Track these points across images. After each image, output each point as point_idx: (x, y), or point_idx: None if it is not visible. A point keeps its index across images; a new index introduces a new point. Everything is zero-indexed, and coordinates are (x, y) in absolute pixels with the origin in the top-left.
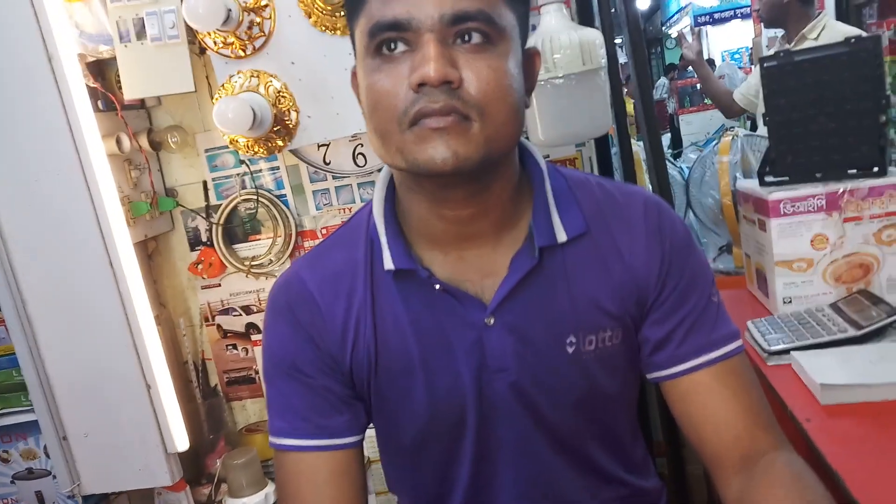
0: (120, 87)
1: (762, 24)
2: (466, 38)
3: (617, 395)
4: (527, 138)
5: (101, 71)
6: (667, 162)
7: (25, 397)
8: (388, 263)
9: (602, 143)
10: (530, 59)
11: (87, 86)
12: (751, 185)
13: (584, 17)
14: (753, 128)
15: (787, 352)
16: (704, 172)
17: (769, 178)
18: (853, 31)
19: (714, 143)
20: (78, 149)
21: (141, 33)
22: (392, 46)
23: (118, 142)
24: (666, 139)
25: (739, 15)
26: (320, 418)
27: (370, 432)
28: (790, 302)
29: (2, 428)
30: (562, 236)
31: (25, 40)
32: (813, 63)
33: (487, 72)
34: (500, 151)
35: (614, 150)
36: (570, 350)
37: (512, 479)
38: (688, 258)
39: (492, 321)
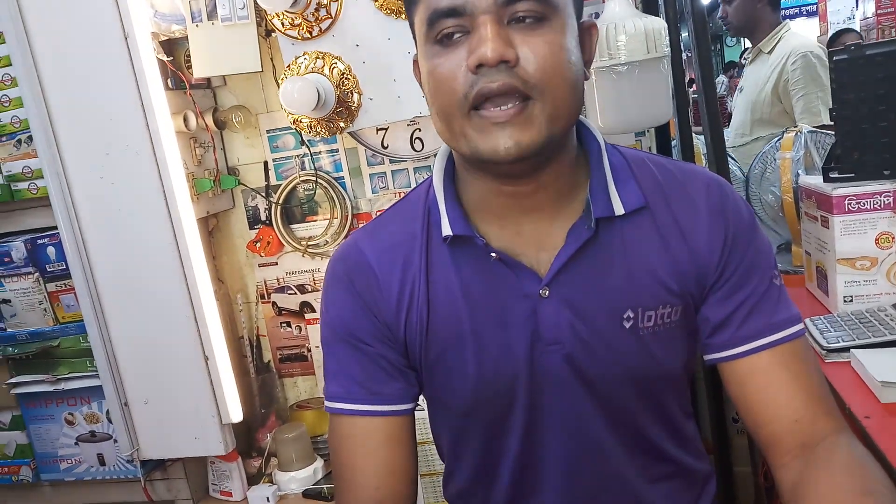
0: (188, 66)
1: (731, 32)
2: (521, 17)
3: (673, 373)
4: None
5: (172, 50)
6: (728, 157)
7: (91, 363)
8: (447, 229)
9: (662, 134)
10: (587, 32)
11: (158, 64)
12: (814, 181)
13: (649, 7)
14: None
15: (846, 350)
16: (765, 168)
17: (834, 174)
18: (810, 43)
19: (776, 139)
20: (149, 124)
21: (212, 13)
22: (451, 33)
23: (185, 119)
24: (726, 135)
25: (805, 12)
26: (375, 384)
27: (421, 414)
28: (851, 301)
29: (68, 391)
30: (619, 209)
31: (104, 18)
32: (886, 57)
33: (544, 48)
34: (562, 129)
35: (674, 142)
36: (628, 325)
37: (561, 451)
38: (751, 239)
39: (547, 293)
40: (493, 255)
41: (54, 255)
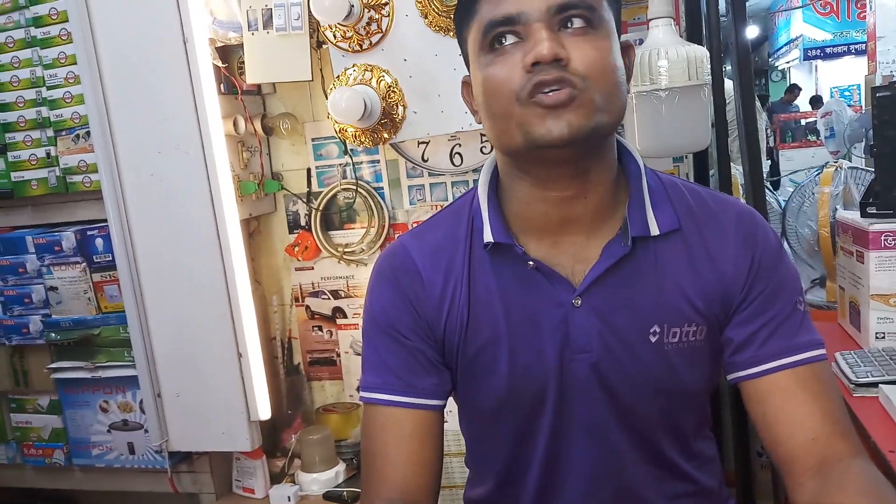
0: (241, 72)
1: None
2: (570, 24)
3: (694, 390)
4: None
5: (226, 56)
6: (765, 189)
7: (128, 353)
8: (488, 236)
9: (701, 162)
10: (625, 51)
11: (213, 69)
12: (851, 215)
13: (693, 36)
14: None
15: (874, 385)
16: (803, 202)
17: (871, 210)
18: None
19: (815, 173)
20: (200, 126)
21: (268, 23)
22: (503, 40)
23: (235, 123)
24: (765, 167)
25: (853, 51)
26: (411, 377)
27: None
28: (883, 337)
29: (105, 380)
30: (654, 230)
31: (165, 23)
32: None
33: (592, 50)
34: (609, 123)
35: (712, 171)
36: (654, 339)
37: (584, 458)
38: (777, 265)
39: (579, 302)
40: (531, 263)
41: (102, 246)
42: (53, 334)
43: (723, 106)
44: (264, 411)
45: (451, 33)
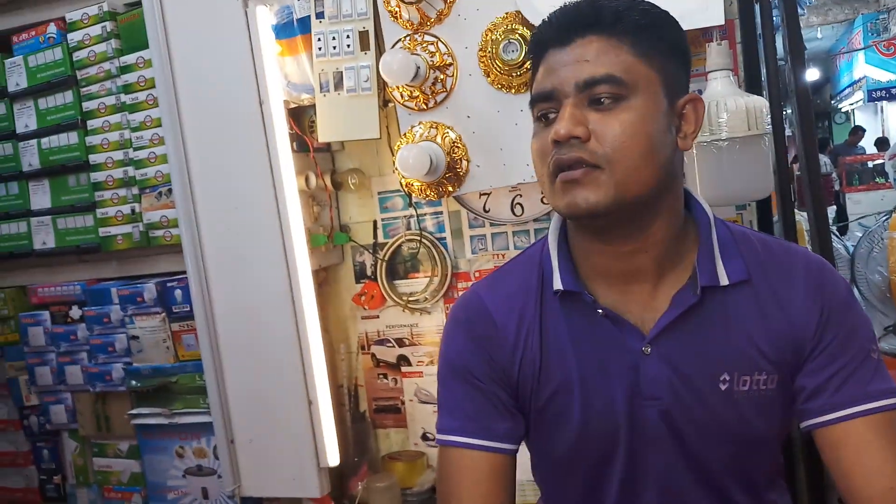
0: (312, 131)
1: None
2: (599, 99)
3: (765, 438)
4: None
5: (298, 116)
6: (831, 235)
7: (204, 400)
8: (557, 284)
9: (764, 209)
10: (690, 105)
11: (287, 129)
12: None
13: (752, 86)
14: None
15: None
16: (872, 248)
17: None
18: None
19: (884, 217)
20: (275, 183)
21: (338, 84)
22: (546, 115)
23: (306, 179)
24: (831, 213)
25: None
26: (487, 421)
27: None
28: None
29: (181, 426)
30: (724, 280)
31: (243, 86)
32: None
33: (616, 127)
34: (634, 194)
35: (776, 218)
36: (724, 387)
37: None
38: (847, 312)
39: (649, 350)
40: (600, 311)
41: (181, 297)
42: (134, 381)
43: (784, 153)
44: (333, 458)
45: (513, 90)
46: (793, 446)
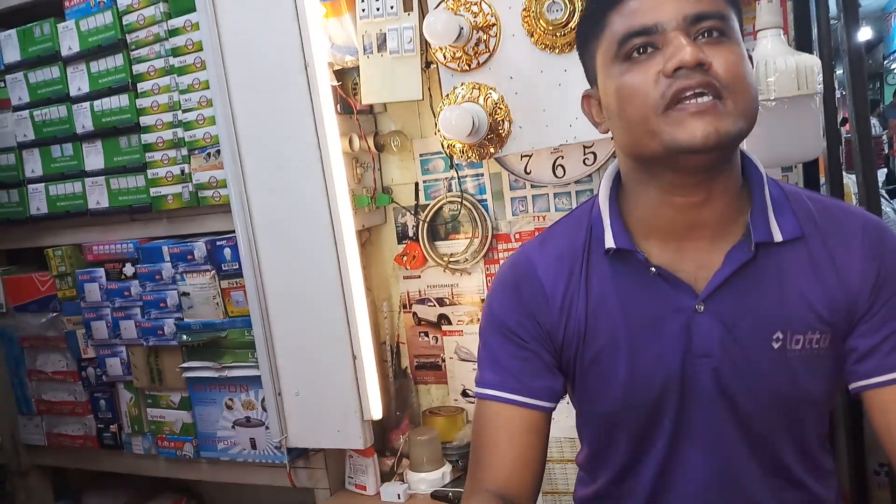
0: (355, 93)
1: None
2: (706, 33)
3: (816, 399)
4: None
5: (341, 78)
6: (881, 198)
7: (252, 354)
8: (609, 242)
9: (811, 171)
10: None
11: (331, 90)
12: None
13: (802, 44)
14: None
15: None
16: None
17: None
18: None
19: None
20: (320, 144)
21: (381, 46)
22: (641, 51)
23: (350, 141)
24: (881, 175)
25: None
26: (526, 378)
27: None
28: None
29: (230, 379)
30: (778, 236)
31: (288, 49)
32: None
33: (730, 58)
34: (747, 128)
35: (823, 181)
36: (776, 346)
37: (701, 463)
38: None
39: (702, 308)
40: (653, 269)
41: (229, 255)
42: (185, 336)
43: (834, 114)
44: (376, 411)
45: (557, 50)
46: (834, 410)
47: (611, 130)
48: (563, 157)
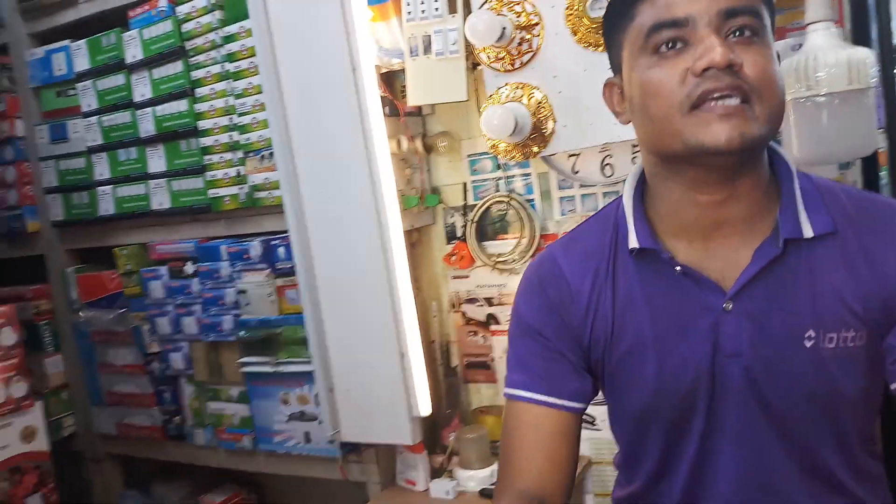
0: (403, 96)
1: None
2: (739, 31)
3: (855, 399)
4: None
5: (389, 80)
6: None
7: (306, 351)
8: (633, 242)
9: (870, 167)
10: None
11: (379, 93)
12: None
13: (859, 38)
14: None
15: None
16: None
17: None
18: None
19: None
20: (367, 146)
21: (427, 48)
22: (670, 45)
23: (398, 143)
24: None
25: None
26: (555, 379)
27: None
28: None
29: (285, 374)
30: (808, 232)
31: (337, 53)
32: None
33: (760, 59)
34: (774, 131)
35: (883, 174)
36: (809, 344)
37: (734, 464)
38: None
39: (730, 306)
40: (678, 268)
41: (284, 254)
42: (243, 332)
43: (894, 108)
44: (425, 408)
45: (600, 49)
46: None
47: (632, 123)
48: (611, 156)
